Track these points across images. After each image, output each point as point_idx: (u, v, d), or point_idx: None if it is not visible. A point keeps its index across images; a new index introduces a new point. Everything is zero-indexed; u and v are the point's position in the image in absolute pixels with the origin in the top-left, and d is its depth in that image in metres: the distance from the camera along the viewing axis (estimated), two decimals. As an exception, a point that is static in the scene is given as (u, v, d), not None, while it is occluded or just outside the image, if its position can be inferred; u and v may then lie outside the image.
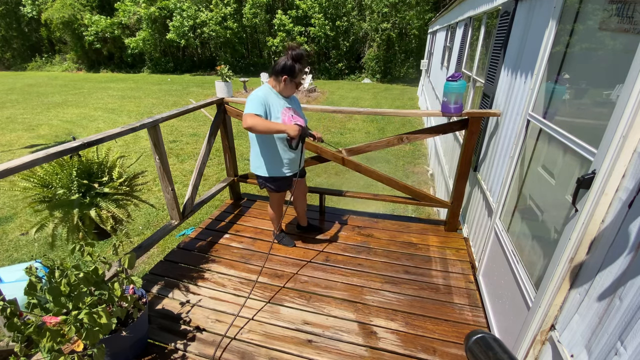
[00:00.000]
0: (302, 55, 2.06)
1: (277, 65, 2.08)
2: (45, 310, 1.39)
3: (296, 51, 2.05)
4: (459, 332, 1.98)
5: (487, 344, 0.63)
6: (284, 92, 2.17)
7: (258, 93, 2.10)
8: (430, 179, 6.42)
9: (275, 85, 2.16)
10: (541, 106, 1.84)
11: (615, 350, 0.97)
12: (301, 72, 2.12)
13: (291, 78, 2.10)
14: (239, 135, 8.37)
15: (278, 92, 2.17)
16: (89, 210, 1.85)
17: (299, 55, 2.06)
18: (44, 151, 1.64)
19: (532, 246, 1.81)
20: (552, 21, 1.71)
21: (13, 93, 14.33)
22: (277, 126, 2.02)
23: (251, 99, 2.07)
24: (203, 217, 4.39)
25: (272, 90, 2.16)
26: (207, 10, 20.44)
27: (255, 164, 2.32)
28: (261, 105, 2.05)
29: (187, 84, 17.02)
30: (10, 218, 4.55)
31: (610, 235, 1.10)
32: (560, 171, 1.65)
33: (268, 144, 2.22)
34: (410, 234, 2.97)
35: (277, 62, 2.09)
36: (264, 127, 1.99)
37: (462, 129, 2.63)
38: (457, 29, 5.93)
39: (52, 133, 8.48)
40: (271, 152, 2.24)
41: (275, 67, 2.09)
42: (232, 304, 2.17)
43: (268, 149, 2.23)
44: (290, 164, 2.31)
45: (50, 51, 25.48)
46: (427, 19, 17.53)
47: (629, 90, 1.03)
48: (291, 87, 2.16)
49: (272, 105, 2.11)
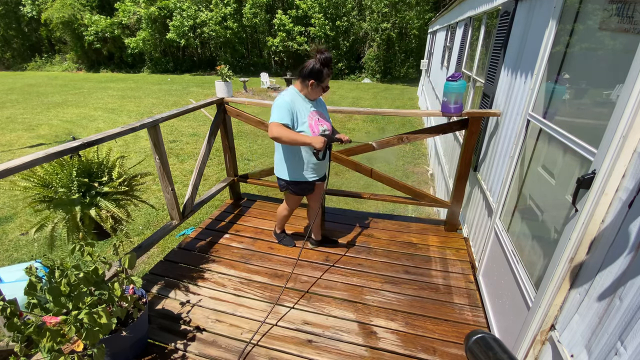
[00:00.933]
0: (330, 59, 2.03)
1: (305, 69, 2.02)
2: (45, 310, 1.39)
3: (324, 55, 2.00)
4: (459, 332, 1.98)
5: (487, 344, 0.63)
6: (310, 95, 2.12)
7: (285, 98, 2.04)
8: (430, 179, 6.42)
9: (302, 89, 2.11)
10: (541, 106, 1.84)
11: (616, 350, 0.97)
12: (328, 77, 2.07)
13: (318, 82, 2.05)
14: (239, 135, 8.37)
15: (304, 95, 2.12)
16: (88, 209, 1.85)
17: (328, 59, 2.01)
18: (44, 151, 1.64)
19: (532, 246, 1.81)
20: (552, 21, 1.71)
21: (13, 93, 14.33)
22: (303, 139, 1.97)
23: (278, 105, 2.01)
24: (203, 217, 4.39)
25: (298, 94, 2.11)
26: (207, 10, 20.45)
27: (278, 167, 2.28)
28: (288, 112, 2.01)
29: (187, 84, 17.02)
30: (10, 218, 4.55)
31: (610, 235, 1.10)
32: (560, 171, 1.65)
33: (293, 149, 2.18)
34: (410, 234, 2.97)
35: (305, 66, 2.03)
36: (289, 139, 1.96)
37: (462, 129, 2.63)
38: (457, 29, 5.93)
39: (52, 133, 8.48)
40: (296, 157, 2.20)
41: (303, 70, 2.04)
42: (232, 304, 2.17)
43: (293, 154, 2.19)
44: (317, 168, 2.26)
45: (50, 51, 25.48)
46: (427, 19, 17.53)
47: (629, 90, 1.03)
48: (318, 91, 2.12)
49: (298, 110, 2.06)
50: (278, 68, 21.91)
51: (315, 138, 1.98)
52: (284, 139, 1.96)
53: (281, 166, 2.26)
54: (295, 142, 1.99)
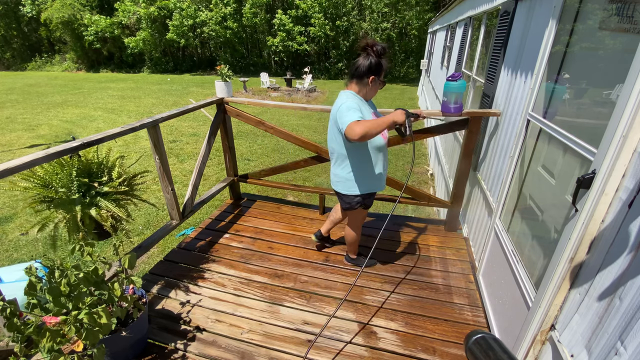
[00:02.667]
0: (385, 49, 1.83)
1: (361, 66, 1.83)
2: (45, 310, 1.39)
3: (378, 46, 1.81)
4: (459, 332, 1.98)
5: (487, 344, 0.63)
6: (370, 94, 1.94)
7: (349, 103, 1.80)
8: (430, 179, 6.42)
9: (360, 90, 1.91)
10: (541, 106, 1.84)
11: (616, 350, 0.97)
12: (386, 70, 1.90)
13: (377, 77, 1.87)
14: (239, 135, 8.37)
15: (362, 97, 1.93)
16: (89, 209, 1.85)
17: (383, 49, 1.82)
18: (44, 151, 1.64)
19: (532, 246, 1.81)
20: (552, 21, 1.71)
21: (13, 93, 14.33)
22: (385, 120, 1.72)
23: (348, 108, 1.77)
24: (203, 217, 4.39)
25: (357, 97, 1.90)
26: (207, 10, 20.45)
27: (347, 184, 2.03)
28: (358, 110, 1.78)
29: (187, 84, 17.02)
30: (10, 218, 4.54)
31: (610, 235, 1.10)
32: (560, 171, 1.65)
33: (366, 157, 1.96)
34: (410, 234, 2.97)
35: (357, 65, 1.85)
36: (376, 128, 1.67)
37: (462, 129, 2.62)
38: (457, 29, 5.92)
39: (52, 133, 8.48)
40: (371, 166, 1.99)
41: (358, 68, 1.85)
42: (232, 304, 2.17)
43: (367, 163, 1.98)
44: (384, 174, 2.10)
45: (50, 51, 25.49)
46: (427, 18, 17.53)
47: (629, 90, 1.03)
48: (377, 87, 1.94)
49: (364, 114, 1.84)
50: (278, 68, 21.92)
51: (394, 114, 1.75)
52: (372, 131, 1.66)
53: (351, 181, 2.01)
54: (381, 127, 1.70)
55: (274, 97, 13.48)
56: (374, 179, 2.03)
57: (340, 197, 2.15)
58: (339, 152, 1.98)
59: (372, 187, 2.06)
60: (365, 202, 2.10)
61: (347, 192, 2.05)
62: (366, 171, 2.00)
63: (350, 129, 1.67)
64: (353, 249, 2.51)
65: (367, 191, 2.05)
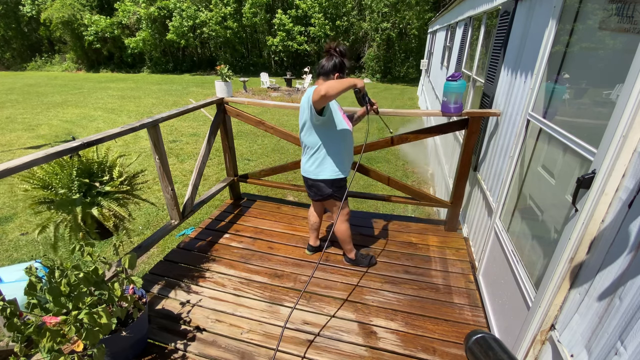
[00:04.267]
0: (346, 49, 2.03)
1: (327, 65, 2.01)
2: (45, 310, 1.39)
3: (340, 47, 2.01)
4: (458, 332, 1.98)
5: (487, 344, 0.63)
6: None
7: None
8: (430, 179, 6.42)
9: None
10: (541, 106, 1.84)
11: (615, 350, 0.97)
12: (348, 67, 2.07)
13: (342, 74, 2.04)
14: (239, 135, 8.37)
15: None
16: (90, 209, 1.85)
17: (344, 49, 2.02)
18: (44, 151, 1.64)
19: (532, 246, 1.81)
20: (552, 21, 1.71)
21: (13, 93, 14.33)
22: (347, 80, 1.86)
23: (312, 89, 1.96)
24: (203, 217, 4.39)
25: None
26: (207, 10, 20.44)
27: (317, 169, 2.14)
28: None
29: (187, 84, 17.02)
30: (10, 218, 4.54)
31: (610, 235, 1.10)
32: (560, 171, 1.65)
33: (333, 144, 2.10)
34: (410, 234, 2.96)
35: (323, 64, 2.02)
36: (338, 86, 1.80)
37: (462, 129, 2.63)
38: (457, 29, 5.92)
39: (52, 133, 8.47)
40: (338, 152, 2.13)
41: (324, 67, 2.02)
42: (232, 304, 2.17)
43: (334, 150, 2.11)
44: (349, 160, 2.23)
45: (49, 51, 25.48)
46: (427, 18, 17.53)
47: (629, 90, 1.03)
48: None
49: (332, 105, 2.04)
50: (278, 68, 21.92)
51: (356, 79, 1.91)
52: (334, 87, 1.79)
53: (320, 167, 2.14)
54: (343, 85, 1.83)
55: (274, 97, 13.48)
56: (340, 164, 2.16)
57: (310, 188, 2.26)
58: (310, 142, 2.12)
59: (339, 172, 2.17)
60: (334, 189, 2.20)
61: (315, 177, 2.18)
62: (334, 157, 2.13)
63: (315, 92, 1.84)
64: (349, 248, 2.50)
65: (334, 176, 2.16)
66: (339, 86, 1.82)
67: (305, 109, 2.01)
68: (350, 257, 2.53)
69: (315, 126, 2.04)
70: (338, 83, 1.82)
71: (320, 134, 2.07)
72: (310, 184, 2.24)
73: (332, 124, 2.06)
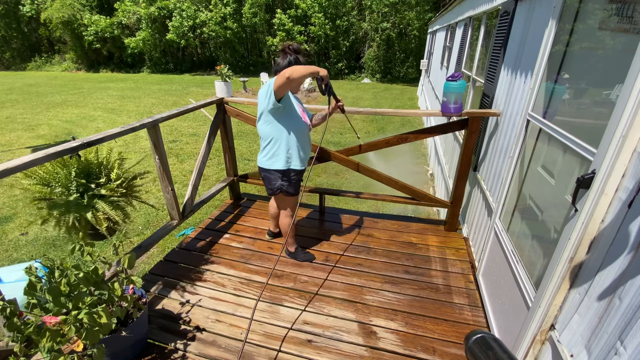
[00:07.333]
0: (299, 47, 2.11)
1: (282, 63, 2.08)
2: (45, 310, 1.39)
3: (293, 45, 2.09)
4: (458, 332, 1.98)
5: (487, 344, 0.63)
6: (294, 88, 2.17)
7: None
8: (430, 179, 6.43)
9: None
10: (541, 106, 1.84)
11: (615, 350, 0.97)
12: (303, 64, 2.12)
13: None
14: (239, 135, 8.37)
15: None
16: (85, 212, 1.84)
17: (298, 47, 2.10)
18: (44, 151, 1.64)
19: (532, 246, 1.81)
20: (552, 21, 1.71)
21: (12, 93, 14.32)
22: (311, 67, 1.91)
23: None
24: (203, 217, 4.39)
25: None
26: (207, 10, 20.44)
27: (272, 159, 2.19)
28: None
29: (187, 84, 17.01)
30: (10, 218, 4.54)
31: (610, 235, 1.10)
32: (560, 171, 1.65)
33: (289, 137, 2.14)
34: (410, 234, 2.97)
35: (278, 62, 2.10)
36: (302, 70, 1.85)
37: (462, 129, 2.63)
38: (457, 29, 5.93)
39: (52, 133, 8.47)
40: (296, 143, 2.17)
41: (279, 65, 2.09)
42: (232, 304, 2.17)
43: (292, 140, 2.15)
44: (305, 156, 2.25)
45: (49, 51, 25.46)
46: (427, 18, 17.53)
47: (628, 90, 1.03)
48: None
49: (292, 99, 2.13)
50: (278, 68, 21.86)
51: (320, 68, 1.95)
52: (297, 72, 1.84)
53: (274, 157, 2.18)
54: (307, 71, 1.88)
55: (273, 97, 13.44)
56: (294, 157, 2.20)
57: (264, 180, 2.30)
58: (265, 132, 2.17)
59: (290, 164, 2.21)
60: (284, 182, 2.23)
61: (269, 167, 2.21)
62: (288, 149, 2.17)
63: (280, 75, 1.86)
64: (290, 242, 2.59)
65: (285, 167, 2.19)
66: (304, 70, 1.87)
67: (263, 99, 2.04)
68: (290, 251, 2.62)
69: (272, 116, 2.09)
70: (303, 68, 1.88)
71: (275, 125, 2.12)
72: (263, 175, 2.29)
73: (288, 116, 2.11)
